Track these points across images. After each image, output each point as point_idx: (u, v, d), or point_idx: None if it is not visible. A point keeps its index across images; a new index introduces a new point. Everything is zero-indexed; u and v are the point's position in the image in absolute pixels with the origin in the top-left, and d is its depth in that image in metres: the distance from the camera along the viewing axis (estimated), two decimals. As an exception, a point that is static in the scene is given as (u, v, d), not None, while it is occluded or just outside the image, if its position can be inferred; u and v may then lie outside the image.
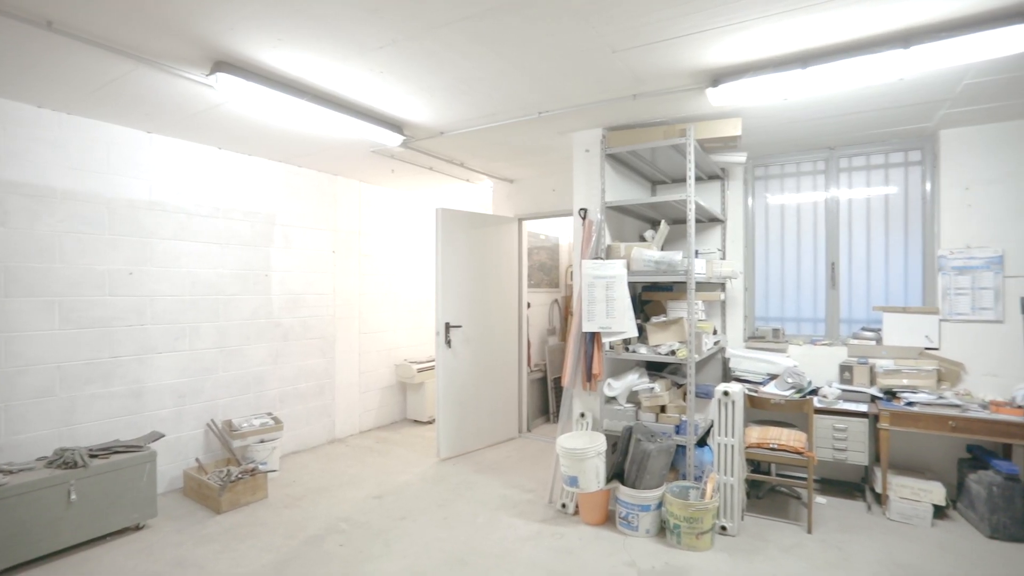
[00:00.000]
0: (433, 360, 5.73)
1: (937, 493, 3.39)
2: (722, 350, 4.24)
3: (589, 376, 3.64)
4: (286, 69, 2.84)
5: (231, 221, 4.38)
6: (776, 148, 4.25)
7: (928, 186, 3.94)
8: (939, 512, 3.48)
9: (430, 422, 5.77)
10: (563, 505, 3.62)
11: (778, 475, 3.96)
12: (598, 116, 3.57)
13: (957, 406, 3.34)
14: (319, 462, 4.65)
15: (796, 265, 4.38)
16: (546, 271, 6.18)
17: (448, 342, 4.66)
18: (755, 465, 4.04)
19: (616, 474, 3.40)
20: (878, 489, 3.58)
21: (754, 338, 4.32)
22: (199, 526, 3.45)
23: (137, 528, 3.37)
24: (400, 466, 4.54)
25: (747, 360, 3.97)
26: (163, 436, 3.74)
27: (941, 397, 3.45)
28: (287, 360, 4.81)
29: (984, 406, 3.36)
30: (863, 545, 3.16)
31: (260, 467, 3.96)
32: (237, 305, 4.42)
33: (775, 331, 4.23)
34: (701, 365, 4.34)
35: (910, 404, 3.45)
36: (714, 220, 4.42)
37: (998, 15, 2.31)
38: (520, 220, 5.46)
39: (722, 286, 4.34)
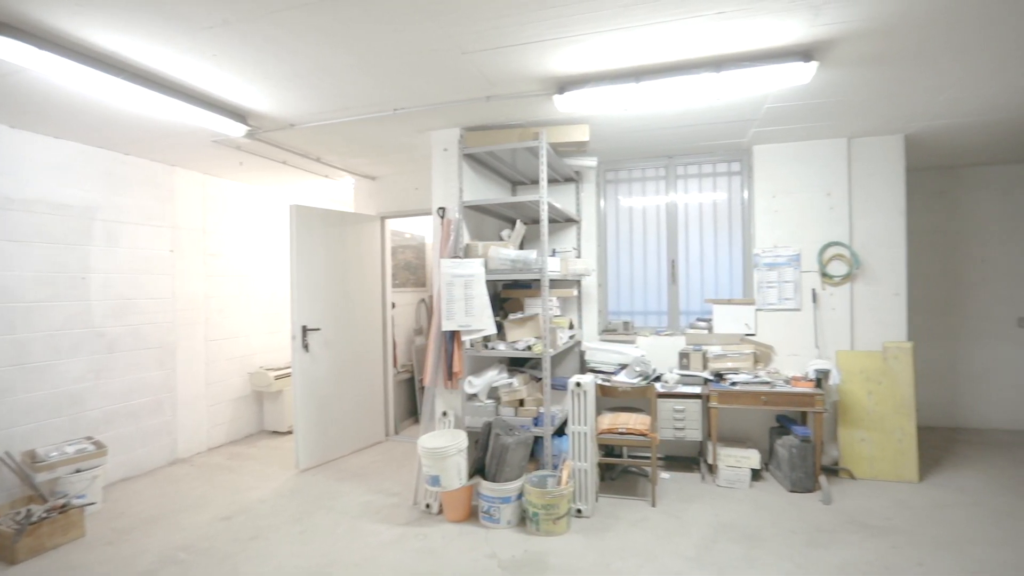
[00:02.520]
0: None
1: (754, 459, 3.91)
2: (578, 343, 4.50)
3: (450, 374, 3.66)
4: (96, 41, 2.49)
5: (32, 215, 3.74)
6: (623, 154, 4.61)
7: (746, 194, 4.53)
8: (756, 475, 4.02)
9: (290, 432, 5.42)
10: (427, 505, 3.61)
11: (629, 457, 4.30)
12: (455, 116, 3.60)
13: (767, 383, 3.87)
14: (156, 487, 4.16)
15: (643, 263, 4.79)
16: (412, 270, 6.11)
17: (306, 346, 4.41)
18: (609, 449, 4.35)
19: (478, 469, 3.46)
20: (711, 461, 4.04)
21: (607, 331, 4.65)
22: (-14, 582, 2.91)
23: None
24: (254, 482, 4.21)
25: (601, 352, 4.26)
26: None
27: (756, 376, 3.99)
28: (113, 374, 4.22)
29: (787, 381, 3.94)
30: (697, 511, 3.55)
31: (74, 501, 3.43)
32: (44, 313, 3.78)
33: (625, 324, 4.59)
34: (559, 358, 4.57)
35: (733, 384, 3.93)
36: (570, 220, 4.68)
37: (786, 52, 2.71)
38: (383, 218, 5.33)
39: (578, 283, 4.61)
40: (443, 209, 3.79)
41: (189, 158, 4.50)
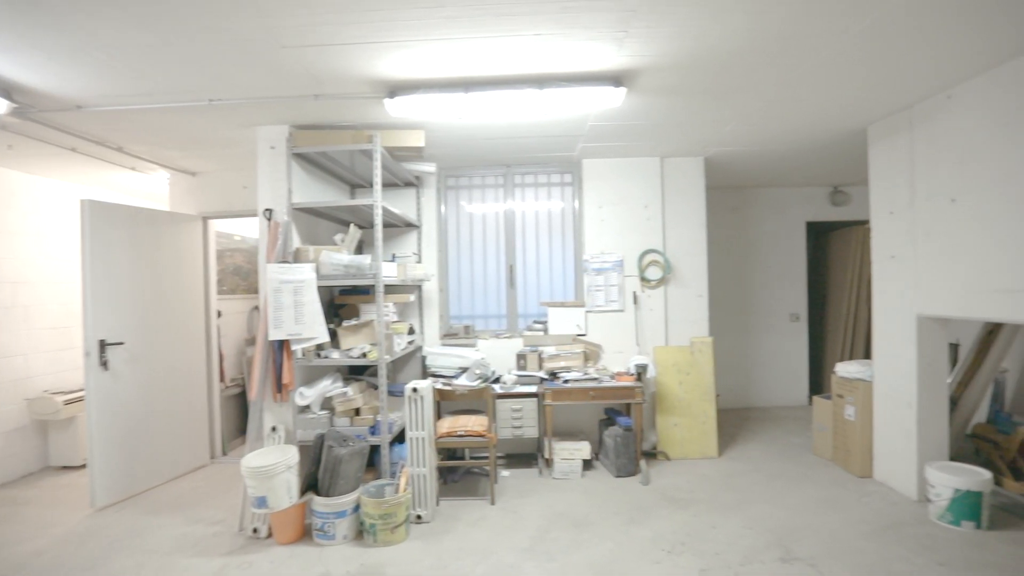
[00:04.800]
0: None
1: (585, 450, 4.22)
2: (419, 349, 4.49)
3: (279, 387, 3.42)
4: None
5: None
6: (463, 161, 4.71)
7: (576, 203, 4.88)
8: (588, 465, 4.34)
9: (85, 465, 4.64)
10: (255, 530, 3.32)
11: (471, 458, 4.38)
12: (282, 113, 3.39)
13: (595, 379, 4.21)
14: None
15: (483, 267, 4.93)
16: (243, 275, 5.61)
17: (104, 363, 3.81)
18: (451, 452, 4.39)
19: (310, 485, 3.28)
20: (547, 455, 4.27)
21: (449, 335, 4.70)
22: None
23: None
24: (31, 531, 3.52)
25: (442, 356, 4.29)
26: None
27: (586, 373, 4.31)
28: None
29: (612, 377, 4.32)
30: (533, 504, 3.72)
31: None
32: None
33: (466, 328, 4.68)
34: (400, 365, 4.52)
35: (566, 382, 4.20)
36: (410, 225, 4.65)
37: (599, 76, 2.97)
38: (205, 219, 4.82)
39: (418, 288, 4.59)
40: (270, 211, 3.54)
41: (-64, 139, 3.66)
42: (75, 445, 4.62)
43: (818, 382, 6.37)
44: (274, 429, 3.48)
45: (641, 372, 4.27)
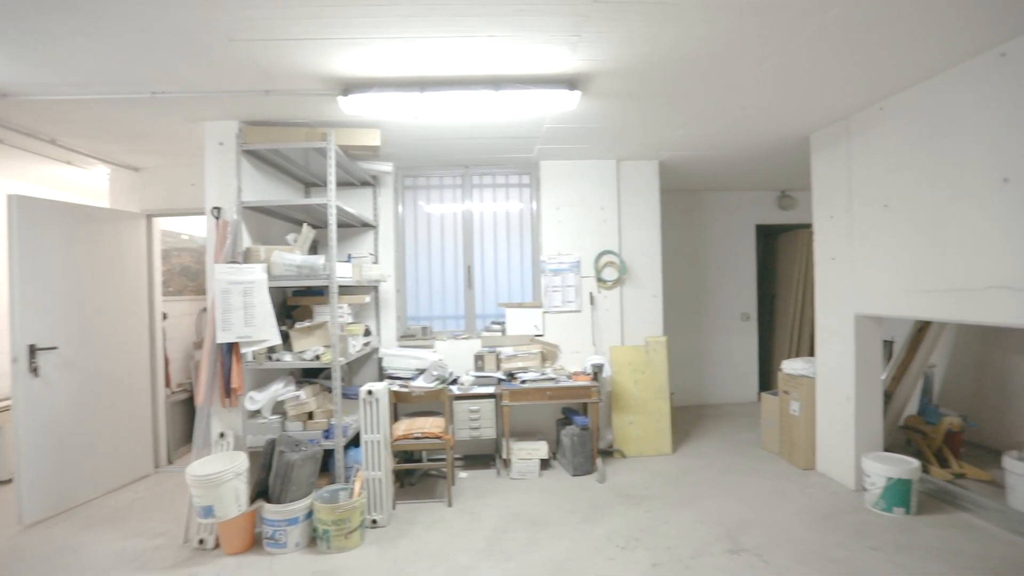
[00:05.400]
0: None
1: (543, 450, 4.25)
2: (375, 350, 4.43)
3: (228, 391, 3.31)
4: None
5: None
6: (420, 161, 4.67)
7: (534, 205, 4.92)
8: (545, 464, 4.38)
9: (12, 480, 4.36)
10: (201, 541, 3.20)
11: (429, 460, 4.35)
12: (232, 108, 3.28)
13: (553, 379, 4.25)
14: None
15: (441, 268, 4.91)
16: (191, 276, 5.40)
17: (34, 370, 3.60)
18: (408, 455, 4.34)
19: (261, 492, 3.19)
20: (505, 456, 4.28)
21: (406, 336, 4.65)
22: None
23: None
24: (-50, 549, 3.29)
25: (398, 358, 4.24)
26: None
27: (543, 374, 4.34)
28: None
29: (569, 376, 4.37)
30: (490, 505, 3.73)
31: None
32: None
33: (424, 329, 4.65)
34: (357, 367, 4.44)
35: (523, 382, 4.22)
36: (367, 225, 4.58)
37: (554, 79, 3.00)
38: (150, 217, 4.61)
39: (374, 289, 4.53)
40: (218, 209, 3.42)
41: None
42: (2, 458, 4.33)
43: (767, 379, 6.62)
44: (222, 435, 3.37)
45: (597, 372, 4.33)
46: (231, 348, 3.29)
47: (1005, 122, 2.66)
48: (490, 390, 4.21)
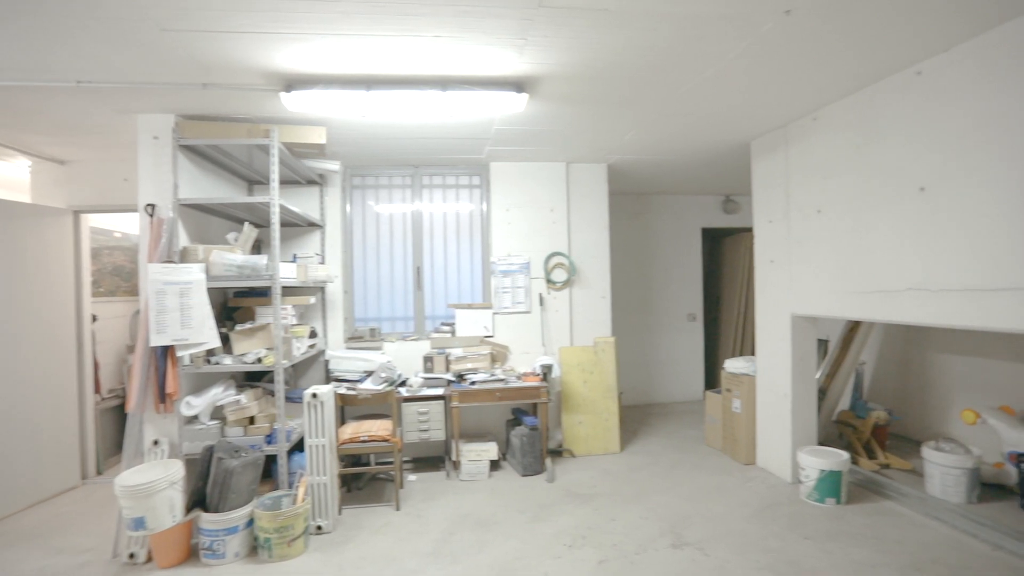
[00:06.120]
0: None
1: (492, 451, 4.25)
2: (322, 352, 4.32)
3: (163, 396, 3.16)
4: None
5: None
6: (369, 160, 4.60)
7: (484, 206, 4.92)
8: (495, 465, 4.38)
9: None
10: (132, 555, 3.04)
11: (377, 464, 4.27)
12: (167, 101, 3.14)
13: (502, 380, 4.26)
14: None
15: (390, 269, 4.84)
16: (124, 276, 5.12)
17: (-56, 377, 3.34)
18: (356, 458, 4.26)
19: (198, 501, 3.06)
20: (455, 458, 4.26)
21: (354, 338, 4.56)
22: None
23: None
24: None
25: (346, 360, 4.15)
26: None
27: (493, 375, 4.35)
28: None
29: (519, 377, 4.39)
30: (439, 508, 3.70)
31: None
32: None
33: (372, 330, 4.57)
34: (302, 369, 4.33)
35: (473, 383, 4.21)
36: (313, 225, 4.46)
37: (502, 82, 3.01)
38: (77, 213, 4.35)
39: (321, 290, 4.42)
40: (152, 206, 3.26)
41: None
42: (-92, 471, 3.99)
43: (713, 378, 6.84)
44: (156, 443, 3.21)
45: (547, 372, 4.37)
46: (166, 351, 3.14)
47: (922, 134, 2.85)
48: (439, 392, 4.18)
